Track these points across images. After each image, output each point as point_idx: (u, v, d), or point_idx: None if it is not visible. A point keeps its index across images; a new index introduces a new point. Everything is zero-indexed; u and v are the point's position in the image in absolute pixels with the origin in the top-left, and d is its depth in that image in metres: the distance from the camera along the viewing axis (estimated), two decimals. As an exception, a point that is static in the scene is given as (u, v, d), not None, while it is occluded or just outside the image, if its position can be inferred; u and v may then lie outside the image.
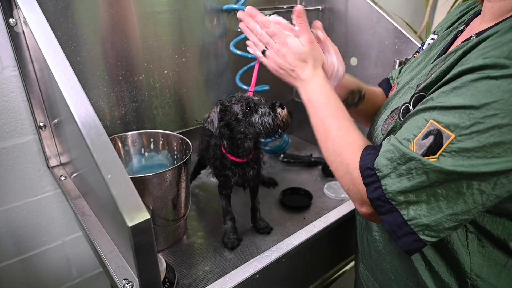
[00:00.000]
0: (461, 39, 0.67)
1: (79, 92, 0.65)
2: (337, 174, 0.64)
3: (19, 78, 1.00)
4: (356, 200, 0.61)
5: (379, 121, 0.71)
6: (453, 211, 0.50)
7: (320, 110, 0.68)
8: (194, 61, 1.26)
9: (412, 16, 2.45)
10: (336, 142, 0.64)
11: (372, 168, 0.55)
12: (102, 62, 1.07)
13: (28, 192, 1.11)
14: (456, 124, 0.48)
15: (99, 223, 0.90)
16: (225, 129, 0.89)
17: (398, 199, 0.53)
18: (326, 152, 0.66)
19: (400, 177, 0.52)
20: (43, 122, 1.05)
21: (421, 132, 0.51)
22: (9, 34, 0.94)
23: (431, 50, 0.74)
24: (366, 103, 0.88)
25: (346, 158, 0.61)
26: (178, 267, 0.91)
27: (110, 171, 0.54)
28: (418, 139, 0.51)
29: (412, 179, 0.51)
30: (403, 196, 0.52)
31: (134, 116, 1.18)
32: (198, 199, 1.22)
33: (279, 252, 0.85)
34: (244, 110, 0.86)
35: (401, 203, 0.53)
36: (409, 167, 0.51)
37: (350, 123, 0.66)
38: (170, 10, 1.15)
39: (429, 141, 0.50)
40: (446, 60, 0.59)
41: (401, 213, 0.53)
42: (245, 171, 0.97)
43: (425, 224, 0.51)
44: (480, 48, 0.50)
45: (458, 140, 0.47)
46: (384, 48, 1.23)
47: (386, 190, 0.53)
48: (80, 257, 1.29)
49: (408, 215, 0.52)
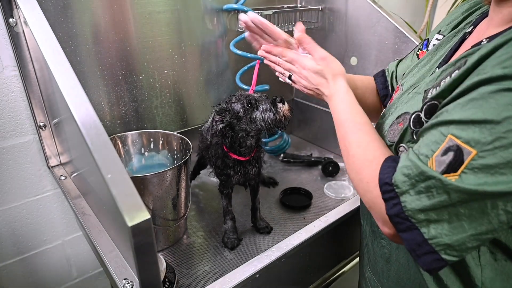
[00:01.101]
0: (469, 42, 0.64)
1: (79, 91, 0.65)
2: (358, 191, 0.62)
3: (19, 77, 1.00)
4: (378, 219, 0.58)
5: (384, 126, 0.69)
6: (477, 231, 0.47)
7: (341, 126, 0.69)
8: (194, 61, 1.26)
9: (412, 15, 2.45)
10: (356, 159, 0.63)
11: (390, 184, 0.53)
12: (102, 62, 1.07)
13: (28, 192, 1.11)
14: (476, 139, 0.45)
15: (99, 223, 0.90)
16: (226, 129, 0.89)
17: (418, 217, 0.50)
18: (348, 168, 0.66)
19: (419, 194, 0.50)
20: (43, 122, 1.05)
21: (440, 148, 0.48)
22: (9, 33, 0.94)
23: (437, 51, 0.71)
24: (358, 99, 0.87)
25: (366, 176, 0.59)
26: (178, 267, 0.91)
27: (110, 171, 0.54)
28: (437, 155, 0.48)
29: (432, 198, 0.48)
30: (423, 214, 0.50)
31: (134, 116, 1.18)
32: (198, 199, 1.22)
33: (279, 252, 0.85)
34: (245, 107, 0.86)
35: (421, 221, 0.50)
36: (429, 186, 0.49)
37: (371, 137, 0.64)
38: (170, 10, 1.15)
39: (448, 158, 0.47)
40: (456, 65, 0.56)
41: (421, 231, 0.50)
42: (247, 170, 0.97)
43: (447, 243, 0.49)
44: (497, 56, 0.47)
45: (480, 156, 0.45)
46: (384, 48, 1.23)
47: (406, 207, 0.51)
48: (80, 257, 1.29)
49: (429, 234, 0.50)
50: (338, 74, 0.74)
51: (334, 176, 1.34)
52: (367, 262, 0.83)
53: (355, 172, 0.62)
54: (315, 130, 1.59)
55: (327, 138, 1.54)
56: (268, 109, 0.85)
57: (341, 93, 0.72)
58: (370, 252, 0.81)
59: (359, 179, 0.61)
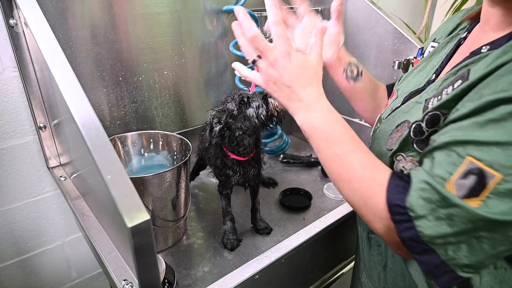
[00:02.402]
0: (465, 48, 0.63)
1: (79, 92, 0.65)
2: (366, 219, 0.56)
3: (19, 79, 1.00)
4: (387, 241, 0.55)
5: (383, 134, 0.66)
6: (497, 251, 0.46)
7: (335, 144, 0.58)
8: (194, 62, 1.26)
9: (411, 16, 2.45)
10: (364, 183, 0.55)
11: (403, 207, 0.49)
12: (102, 63, 1.08)
13: (27, 193, 1.11)
14: (501, 163, 0.43)
15: (98, 223, 0.90)
16: (224, 129, 0.90)
17: (435, 241, 0.47)
18: (349, 193, 0.57)
19: (438, 220, 0.47)
20: (43, 122, 1.05)
21: (459, 171, 0.46)
22: (9, 35, 0.94)
23: (432, 57, 0.71)
24: (364, 82, 0.85)
25: (381, 201, 0.52)
26: (177, 268, 0.91)
27: (110, 172, 0.54)
28: (456, 178, 0.46)
29: (454, 226, 0.46)
30: (442, 239, 0.47)
31: (133, 117, 1.19)
32: (197, 200, 1.22)
33: (279, 252, 0.85)
34: (238, 105, 0.86)
35: (438, 244, 0.48)
36: (451, 213, 0.46)
37: (373, 156, 0.57)
38: (170, 11, 1.15)
39: (470, 182, 0.44)
40: (457, 74, 0.55)
41: (438, 253, 0.48)
42: (246, 170, 0.97)
43: (465, 264, 0.47)
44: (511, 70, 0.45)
45: (506, 180, 0.42)
46: (383, 49, 1.23)
47: (422, 232, 0.48)
48: (80, 258, 1.29)
49: (447, 256, 0.48)
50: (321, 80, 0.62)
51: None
52: (363, 268, 0.83)
53: (364, 197, 0.55)
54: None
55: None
56: (260, 105, 0.84)
57: (326, 100, 0.61)
58: (366, 258, 0.79)
59: (371, 204, 0.54)
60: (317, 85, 0.61)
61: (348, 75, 0.84)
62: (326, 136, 0.59)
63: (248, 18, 0.62)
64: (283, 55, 0.59)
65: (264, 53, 0.60)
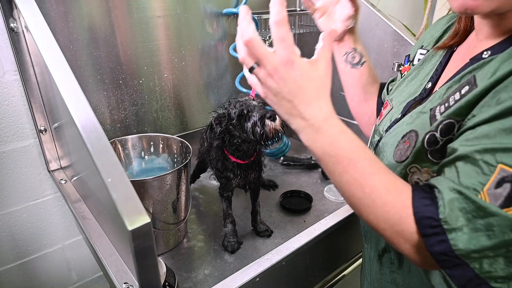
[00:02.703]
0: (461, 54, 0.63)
1: (80, 96, 0.65)
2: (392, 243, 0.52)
3: (20, 82, 1.00)
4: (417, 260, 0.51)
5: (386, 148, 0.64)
6: None
7: (352, 167, 0.51)
8: (194, 65, 1.27)
9: (411, 18, 2.46)
10: (389, 208, 0.50)
11: (436, 219, 0.46)
12: (103, 66, 1.08)
13: (28, 196, 1.11)
14: None
15: (99, 226, 0.90)
16: (224, 132, 0.90)
17: (471, 256, 0.45)
18: (373, 218, 0.52)
19: (476, 232, 0.44)
20: (43, 126, 1.05)
21: (491, 180, 0.44)
22: (10, 38, 0.95)
23: (423, 65, 0.70)
24: (362, 72, 0.85)
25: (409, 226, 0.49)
26: (178, 271, 0.91)
27: (110, 175, 0.54)
28: (488, 187, 0.44)
29: (494, 237, 0.43)
30: (478, 253, 0.44)
31: (134, 120, 1.19)
32: (198, 202, 1.22)
33: (280, 255, 0.85)
34: (238, 117, 0.86)
35: (474, 258, 0.45)
36: (490, 223, 0.43)
37: (394, 176, 0.52)
38: (170, 14, 1.15)
39: (505, 190, 0.43)
40: (461, 81, 0.54)
41: (472, 267, 0.45)
42: (247, 173, 0.97)
43: (501, 276, 0.45)
44: None
45: None
46: (383, 51, 1.24)
47: (456, 245, 0.45)
48: (80, 261, 1.29)
49: (482, 270, 0.45)
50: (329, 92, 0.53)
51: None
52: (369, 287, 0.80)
53: (390, 224, 0.50)
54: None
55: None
56: (257, 124, 0.83)
57: (336, 119, 0.53)
58: (374, 278, 0.77)
59: (398, 231, 0.50)
60: (325, 100, 0.52)
61: (348, 59, 0.85)
62: (339, 160, 0.52)
63: (248, 20, 0.51)
64: (284, 64, 0.49)
65: (261, 61, 0.51)
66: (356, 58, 0.85)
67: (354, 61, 0.85)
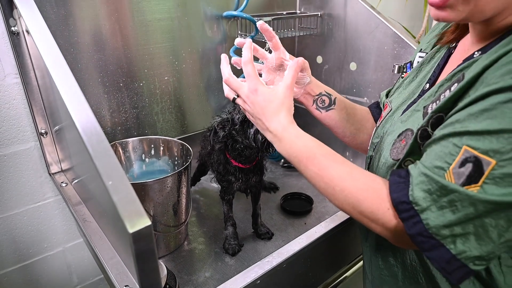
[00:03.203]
0: (456, 56, 0.65)
1: (80, 99, 0.65)
2: (361, 222, 0.60)
3: (21, 85, 1.00)
4: (392, 239, 0.57)
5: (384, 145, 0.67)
6: (505, 239, 0.47)
7: (311, 164, 0.62)
8: (195, 67, 1.27)
9: (411, 21, 2.46)
10: (347, 193, 0.59)
11: (408, 202, 0.51)
12: (103, 69, 1.08)
13: (29, 199, 1.11)
14: (495, 149, 0.45)
15: (100, 229, 0.90)
16: (227, 137, 0.90)
17: (442, 233, 0.49)
18: (338, 204, 0.61)
19: (442, 209, 0.49)
20: (44, 129, 1.05)
21: (456, 160, 0.48)
22: (11, 41, 0.95)
23: (422, 67, 0.72)
24: (338, 109, 0.86)
25: (368, 206, 0.57)
26: (179, 273, 0.91)
27: (111, 178, 0.54)
28: (454, 167, 0.48)
29: (457, 212, 0.48)
30: (448, 229, 0.49)
31: (134, 123, 1.19)
32: (198, 205, 1.22)
33: (280, 257, 0.85)
34: (242, 122, 0.86)
35: (446, 237, 0.49)
36: (452, 199, 0.48)
37: (349, 165, 0.61)
38: (170, 17, 1.16)
39: (467, 170, 0.47)
40: (452, 79, 0.57)
41: (448, 248, 0.49)
42: (248, 177, 0.97)
43: (476, 256, 0.48)
44: (501, 64, 0.48)
45: (500, 165, 0.45)
46: (383, 53, 1.24)
47: (428, 224, 0.50)
48: (81, 264, 1.29)
49: (456, 249, 0.49)
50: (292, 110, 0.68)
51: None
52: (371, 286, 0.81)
53: (351, 206, 0.59)
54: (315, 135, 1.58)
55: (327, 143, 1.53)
56: (259, 131, 0.82)
57: (292, 127, 0.66)
58: (375, 275, 0.78)
59: (360, 211, 0.58)
60: (283, 115, 0.66)
61: (319, 106, 0.86)
62: (300, 160, 0.64)
63: (225, 64, 0.73)
64: (251, 92, 0.67)
65: (238, 91, 0.70)
66: (326, 101, 0.86)
67: (325, 104, 0.86)
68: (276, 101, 0.66)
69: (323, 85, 0.86)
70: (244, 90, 0.68)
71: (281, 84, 0.68)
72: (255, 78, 0.67)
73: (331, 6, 1.36)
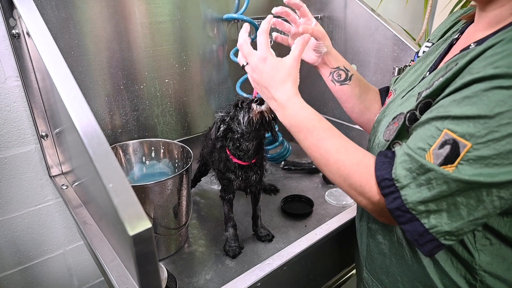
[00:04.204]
0: (457, 47, 0.68)
1: (81, 101, 0.65)
2: (349, 194, 0.64)
3: (22, 88, 1.01)
4: (375, 213, 0.62)
5: (380, 128, 0.71)
6: (474, 217, 0.52)
7: (310, 135, 0.66)
8: (195, 70, 1.27)
9: (411, 23, 2.47)
10: (340, 165, 0.62)
11: (390, 179, 0.56)
12: (104, 72, 1.08)
13: (29, 201, 1.12)
14: (471, 133, 0.49)
15: (100, 232, 0.90)
16: (226, 130, 0.91)
17: (418, 208, 0.53)
18: (330, 175, 0.65)
19: (420, 187, 0.53)
20: (45, 131, 1.06)
21: (437, 142, 0.52)
22: (11, 44, 0.95)
23: (427, 58, 0.75)
24: (352, 85, 0.90)
25: (357, 180, 0.60)
26: (179, 276, 0.91)
27: (112, 180, 0.54)
28: (434, 148, 0.52)
29: (433, 189, 0.52)
30: (424, 205, 0.53)
31: (135, 125, 1.19)
32: (199, 207, 1.22)
33: (281, 260, 0.85)
34: (234, 108, 0.88)
35: (421, 212, 0.53)
36: (429, 178, 0.52)
37: (345, 140, 0.65)
38: (170, 20, 1.16)
39: (445, 151, 0.51)
40: (447, 69, 0.60)
41: (422, 222, 0.54)
42: (248, 175, 0.97)
43: (447, 231, 0.53)
44: (486, 56, 0.51)
45: (474, 148, 0.49)
46: (383, 55, 1.24)
47: (406, 200, 0.54)
48: (82, 266, 1.29)
49: (429, 224, 0.53)
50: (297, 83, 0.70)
51: (335, 183, 1.34)
52: (364, 263, 0.84)
53: (342, 178, 0.62)
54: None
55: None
56: (245, 111, 0.86)
57: (297, 98, 0.69)
58: (367, 251, 0.81)
59: (349, 184, 0.62)
60: (290, 85, 0.68)
61: (335, 78, 0.90)
62: (300, 129, 0.67)
63: (243, 31, 0.74)
64: (260, 60, 0.69)
65: (248, 58, 0.72)
66: (342, 75, 0.89)
67: (341, 78, 0.90)
68: (284, 71, 0.68)
69: (343, 60, 0.90)
70: (254, 58, 0.70)
71: (289, 56, 0.70)
72: (266, 47, 0.70)
73: (331, 8, 1.37)
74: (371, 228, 0.78)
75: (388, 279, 0.76)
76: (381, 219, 0.62)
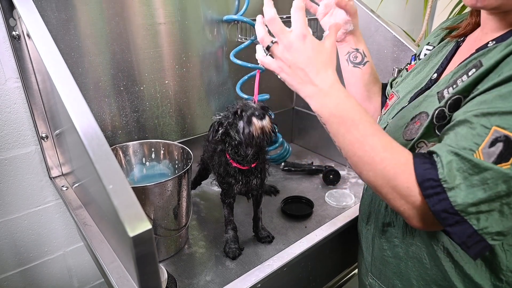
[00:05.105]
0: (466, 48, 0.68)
1: (81, 102, 0.65)
2: (386, 198, 0.57)
3: (22, 89, 1.01)
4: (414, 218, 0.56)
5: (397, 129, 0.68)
6: None
7: (355, 128, 0.58)
8: (195, 71, 1.27)
9: (410, 24, 2.47)
10: (387, 164, 0.55)
11: (436, 179, 0.51)
12: (104, 73, 1.08)
13: (29, 203, 1.12)
14: None
15: (100, 233, 0.90)
16: (224, 134, 0.90)
17: (468, 210, 0.50)
18: (371, 176, 0.58)
19: (472, 188, 0.49)
20: (45, 132, 1.06)
21: (486, 141, 0.49)
22: (12, 46, 0.95)
23: (430, 60, 0.75)
24: (364, 71, 0.89)
25: (404, 182, 0.54)
26: (179, 277, 0.91)
27: (112, 181, 0.54)
28: (483, 147, 0.49)
29: (489, 190, 0.48)
30: (475, 207, 0.49)
31: (135, 126, 1.19)
32: (199, 208, 1.22)
33: (281, 261, 0.85)
34: (233, 116, 0.87)
35: (471, 213, 0.50)
36: (485, 177, 0.48)
37: (390, 137, 0.58)
38: (170, 21, 1.16)
39: (498, 149, 0.48)
40: (467, 66, 0.59)
41: (471, 223, 0.50)
42: (249, 180, 0.96)
43: (497, 231, 0.50)
44: None
45: None
46: (383, 57, 1.24)
47: (456, 202, 0.50)
48: (82, 268, 1.28)
49: (479, 225, 0.50)
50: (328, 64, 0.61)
51: (335, 184, 1.34)
52: (369, 269, 0.82)
53: (387, 179, 0.55)
54: (315, 139, 1.59)
55: (328, 147, 1.55)
56: (245, 123, 0.83)
57: (341, 85, 0.61)
58: (375, 254, 0.79)
59: (393, 185, 0.55)
60: (332, 69, 0.60)
61: (350, 59, 0.89)
62: (344, 121, 0.58)
63: (270, 5, 0.62)
64: (299, 38, 0.59)
65: (279, 36, 0.61)
66: (359, 57, 0.89)
67: (357, 60, 0.89)
68: (326, 54, 0.60)
69: (364, 44, 0.89)
70: (289, 36, 0.60)
71: (326, 39, 0.63)
72: (305, 24, 0.60)
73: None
74: (387, 231, 0.75)
75: (402, 284, 0.74)
76: (418, 224, 0.56)
